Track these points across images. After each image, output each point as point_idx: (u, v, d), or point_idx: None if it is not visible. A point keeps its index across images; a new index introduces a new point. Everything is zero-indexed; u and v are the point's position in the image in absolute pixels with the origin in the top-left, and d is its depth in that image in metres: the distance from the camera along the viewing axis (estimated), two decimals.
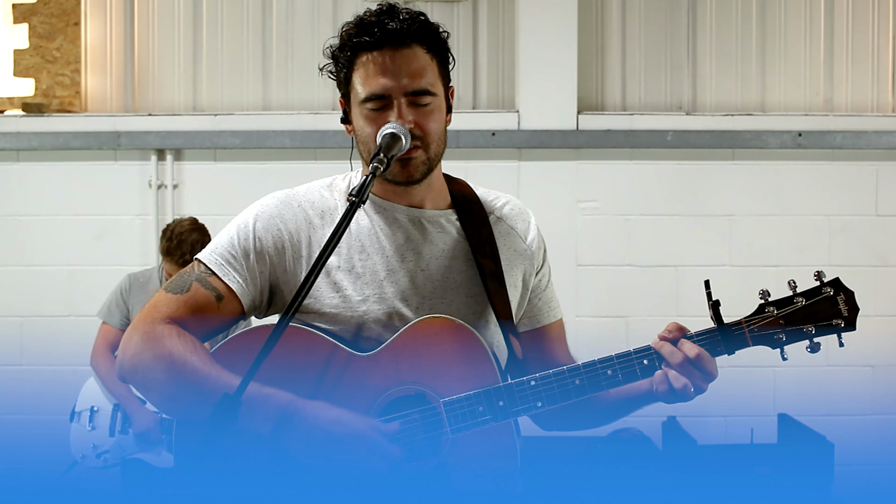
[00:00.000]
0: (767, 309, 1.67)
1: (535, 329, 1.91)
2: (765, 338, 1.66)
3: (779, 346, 1.67)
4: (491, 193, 1.90)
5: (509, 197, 1.93)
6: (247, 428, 1.58)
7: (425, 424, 1.66)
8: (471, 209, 1.84)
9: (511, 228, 1.87)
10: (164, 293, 1.73)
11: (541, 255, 1.91)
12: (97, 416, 3.81)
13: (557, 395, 1.67)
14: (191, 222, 3.88)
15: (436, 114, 1.72)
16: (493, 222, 1.85)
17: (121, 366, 1.70)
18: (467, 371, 1.68)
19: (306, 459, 1.59)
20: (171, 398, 1.67)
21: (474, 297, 1.78)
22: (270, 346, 1.51)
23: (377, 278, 1.74)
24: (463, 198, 1.85)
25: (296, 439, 1.59)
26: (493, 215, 1.86)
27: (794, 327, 1.65)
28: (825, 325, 1.65)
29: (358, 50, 1.70)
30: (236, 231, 1.77)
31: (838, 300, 1.66)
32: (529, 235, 1.89)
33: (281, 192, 1.82)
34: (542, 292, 1.91)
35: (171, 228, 3.85)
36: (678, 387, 1.64)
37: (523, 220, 1.90)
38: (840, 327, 1.66)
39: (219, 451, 1.54)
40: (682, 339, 1.66)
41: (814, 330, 1.65)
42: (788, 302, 1.67)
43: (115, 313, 3.92)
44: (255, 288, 1.74)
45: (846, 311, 1.66)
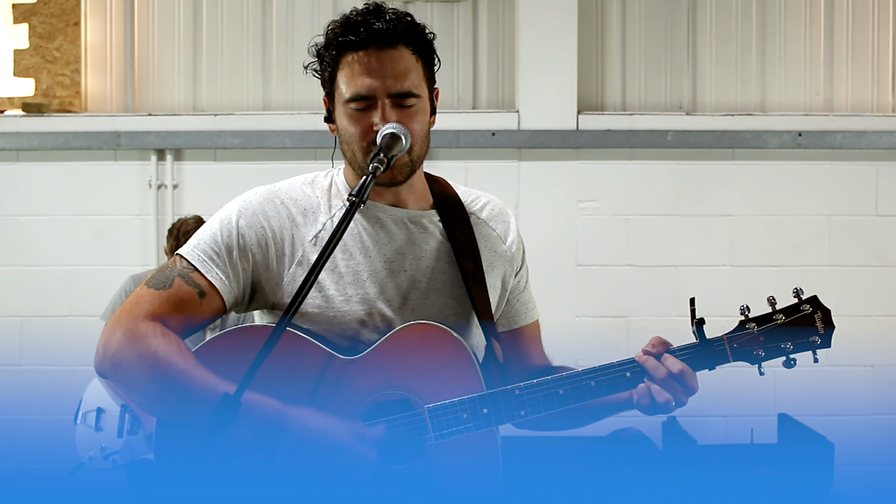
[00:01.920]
0: (748, 325, 1.70)
1: (512, 330, 1.91)
2: (744, 354, 1.70)
3: (757, 361, 1.71)
4: (471, 193, 1.90)
5: (490, 197, 1.93)
6: (233, 434, 1.57)
7: (409, 430, 1.66)
8: (453, 210, 1.84)
9: (491, 230, 1.87)
10: (146, 288, 1.71)
11: (520, 256, 1.91)
12: (104, 418, 3.76)
13: (541, 405, 1.68)
14: (195, 220, 3.89)
15: (419, 115, 1.72)
16: (473, 223, 1.85)
17: (101, 361, 1.68)
18: (451, 377, 1.68)
19: (292, 468, 1.59)
20: (154, 398, 1.66)
21: (456, 298, 1.79)
22: (268, 350, 1.50)
23: (360, 279, 1.74)
24: (444, 198, 1.85)
25: (282, 448, 1.59)
26: (474, 216, 1.86)
27: (772, 344, 1.69)
28: (802, 341, 1.69)
29: (343, 49, 1.69)
30: (219, 227, 1.75)
31: (815, 318, 1.70)
32: (509, 237, 1.89)
33: (263, 188, 1.81)
34: (520, 293, 1.92)
35: (177, 227, 3.86)
36: (661, 401, 1.67)
37: (503, 222, 1.90)
38: (816, 343, 1.70)
39: (203, 454, 1.54)
40: (665, 354, 1.68)
41: (791, 346, 1.69)
42: (768, 319, 1.71)
43: None
44: (238, 285, 1.73)
45: (822, 328, 1.70)
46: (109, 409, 3.81)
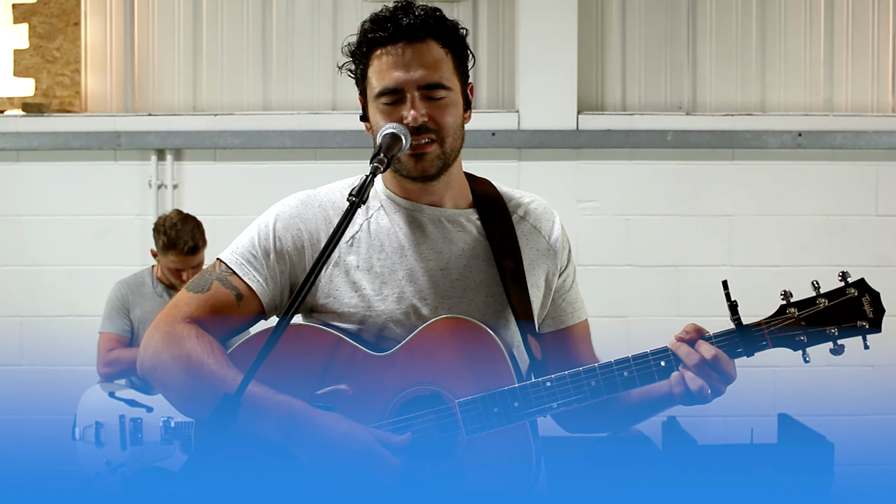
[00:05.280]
0: (788, 310, 1.63)
1: (560, 330, 1.89)
2: (785, 339, 1.62)
3: (800, 347, 1.63)
4: (516, 192, 1.89)
5: (534, 196, 1.91)
6: (257, 433, 1.59)
7: (440, 425, 1.66)
8: (492, 208, 1.82)
9: (534, 228, 1.86)
10: (186, 292, 1.74)
11: (565, 255, 1.89)
12: (103, 432, 3.68)
13: (573, 397, 1.65)
14: (177, 213, 3.91)
15: (451, 108, 1.71)
16: (515, 221, 1.83)
17: (141, 363, 1.72)
18: (483, 372, 1.67)
19: (313, 470, 1.59)
20: (188, 399, 1.69)
21: (494, 296, 1.77)
22: (270, 346, 1.50)
23: (396, 278, 1.73)
24: (485, 197, 1.84)
25: (303, 450, 1.59)
26: (517, 214, 1.85)
27: (816, 329, 1.61)
28: (849, 326, 1.61)
29: (373, 45, 1.70)
30: (257, 231, 1.77)
31: (863, 301, 1.62)
32: (553, 235, 1.87)
33: (303, 192, 1.82)
34: (566, 293, 1.90)
35: (163, 223, 3.87)
36: (694, 389, 1.61)
37: (547, 220, 1.88)
38: (865, 329, 1.62)
39: (225, 455, 1.55)
40: (699, 341, 1.63)
41: (836, 332, 1.61)
42: (811, 303, 1.63)
43: (117, 320, 3.88)
44: (276, 287, 1.74)
45: (871, 312, 1.62)
46: (108, 422, 3.72)
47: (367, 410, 1.65)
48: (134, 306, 3.86)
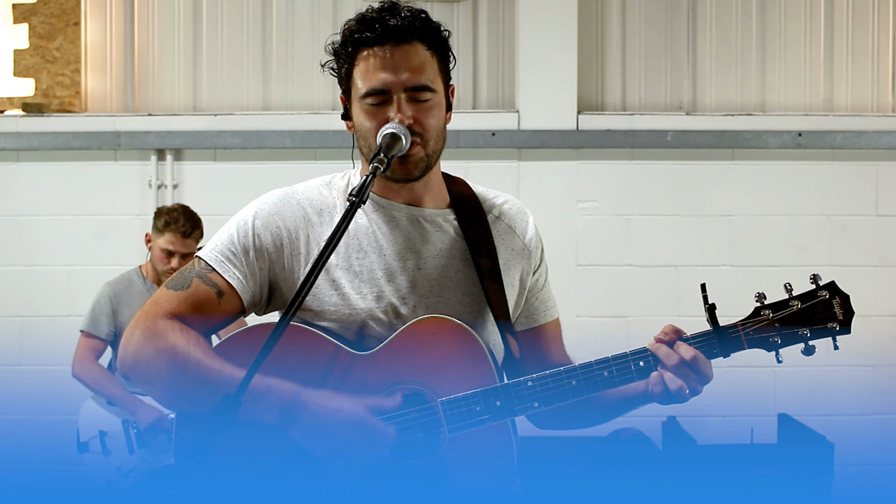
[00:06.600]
0: (763, 312, 1.68)
1: (532, 328, 1.91)
2: (760, 340, 1.68)
3: (774, 348, 1.68)
4: (490, 192, 1.91)
5: (508, 196, 1.93)
6: (251, 418, 1.60)
7: (423, 423, 1.67)
8: (469, 208, 1.84)
9: (509, 227, 1.88)
10: (165, 290, 1.74)
11: (538, 254, 1.91)
12: (108, 440, 3.70)
13: (554, 396, 1.68)
14: (176, 204, 3.94)
15: (435, 110, 1.73)
16: (491, 221, 1.85)
17: (122, 360, 1.71)
18: (465, 371, 1.69)
19: (309, 449, 1.61)
20: (175, 392, 1.68)
21: (471, 296, 1.79)
22: (271, 345, 1.51)
23: (375, 277, 1.75)
24: (461, 197, 1.85)
25: (299, 429, 1.61)
26: (492, 214, 1.87)
27: (788, 330, 1.66)
28: (820, 327, 1.66)
29: (359, 45, 1.71)
30: (236, 228, 1.78)
31: (833, 303, 1.67)
32: (528, 234, 1.89)
33: (280, 189, 1.83)
34: (539, 291, 1.92)
35: (160, 209, 3.91)
36: (673, 389, 1.65)
37: (522, 220, 1.90)
38: (835, 330, 1.67)
39: (222, 445, 1.55)
40: (677, 342, 1.67)
41: (809, 332, 1.66)
42: (784, 305, 1.68)
43: (103, 323, 3.81)
44: (255, 284, 1.75)
45: (841, 314, 1.67)
46: (111, 429, 3.72)
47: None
48: (122, 307, 3.81)
